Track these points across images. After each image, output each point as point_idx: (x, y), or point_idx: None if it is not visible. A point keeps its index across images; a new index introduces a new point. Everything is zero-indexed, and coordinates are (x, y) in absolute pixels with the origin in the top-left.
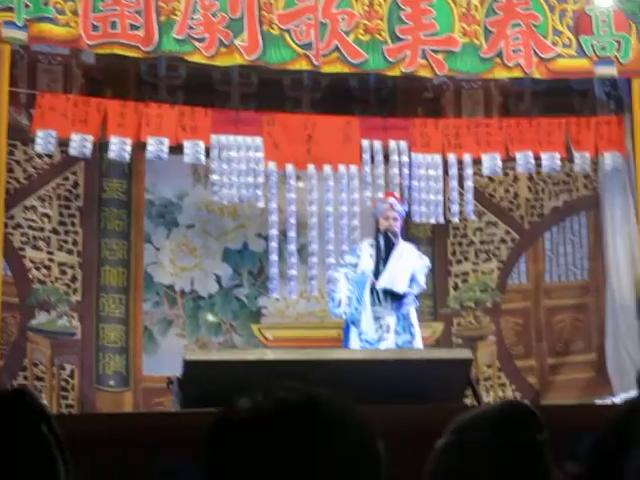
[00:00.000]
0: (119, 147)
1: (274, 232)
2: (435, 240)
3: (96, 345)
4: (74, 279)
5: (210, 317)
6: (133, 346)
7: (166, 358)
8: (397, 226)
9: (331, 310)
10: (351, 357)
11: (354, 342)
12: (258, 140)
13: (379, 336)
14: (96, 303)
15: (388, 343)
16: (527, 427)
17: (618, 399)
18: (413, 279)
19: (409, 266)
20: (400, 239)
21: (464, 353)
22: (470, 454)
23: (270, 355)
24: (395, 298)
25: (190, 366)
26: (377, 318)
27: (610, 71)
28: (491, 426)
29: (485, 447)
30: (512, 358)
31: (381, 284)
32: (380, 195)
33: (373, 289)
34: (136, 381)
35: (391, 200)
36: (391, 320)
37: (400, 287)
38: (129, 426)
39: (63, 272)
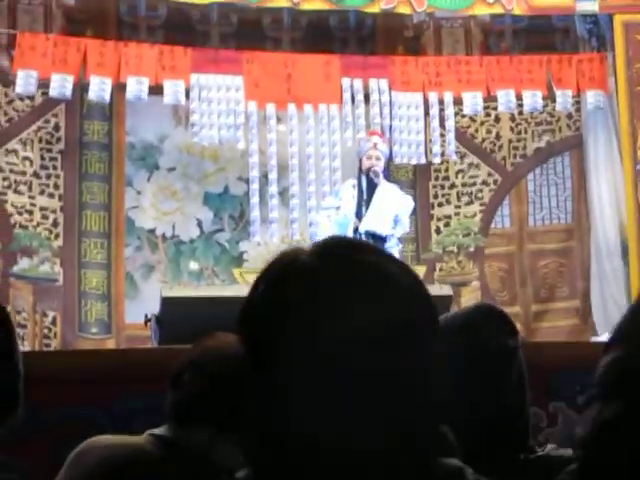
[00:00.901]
0: (99, 87)
1: (255, 174)
2: (417, 182)
3: (78, 291)
4: (56, 224)
5: (192, 263)
6: (115, 292)
7: (148, 305)
8: (379, 166)
9: None
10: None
11: None
12: (238, 79)
13: None
14: (78, 248)
15: None
16: (498, 330)
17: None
18: (396, 221)
19: (392, 207)
20: (382, 179)
21: (444, 290)
22: (440, 358)
23: (247, 291)
24: (378, 241)
25: (167, 302)
26: None
27: (591, 7)
28: (460, 329)
29: (455, 350)
30: (497, 304)
31: (364, 226)
32: (362, 135)
33: (356, 231)
34: (118, 328)
35: (375, 139)
36: None
37: (383, 229)
38: (103, 363)
39: (45, 217)
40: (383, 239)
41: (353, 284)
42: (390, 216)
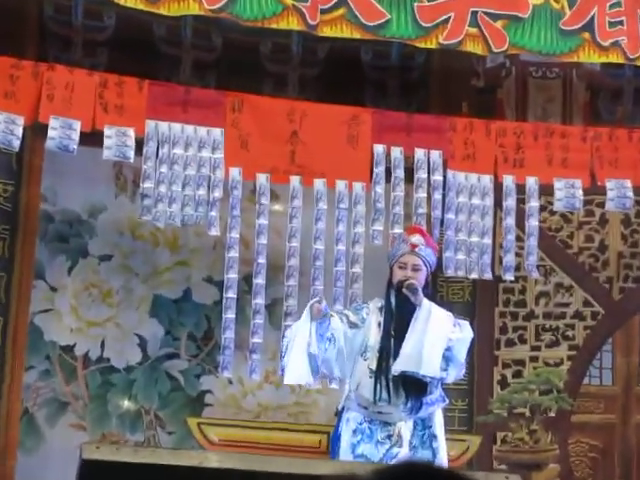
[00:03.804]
0: (5, 128)
1: (232, 276)
2: (476, 307)
3: None
4: None
5: (126, 403)
6: (4, 439)
7: (54, 460)
8: (420, 279)
9: None
10: (344, 471)
11: (345, 454)
12: (217, 133)
13: (385, 451)
14: None
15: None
16: None
17: None
18: (450, 359)
19: (440, 338)
20: (422, 298)
21: None
22: None
23: (214, 461)
24: (413, 390)
25: (90, 470)
26: (385, 424)
27: None
28: None
29: None
30: None
31: (399, 366)
32: (399, 230)
33: (380, 374)
34: None
35: (415, 239)
36: (405, 428)
37: (428, 370)
38: None
39: None
40: (423, 387)
41: None
42: (438, 351)
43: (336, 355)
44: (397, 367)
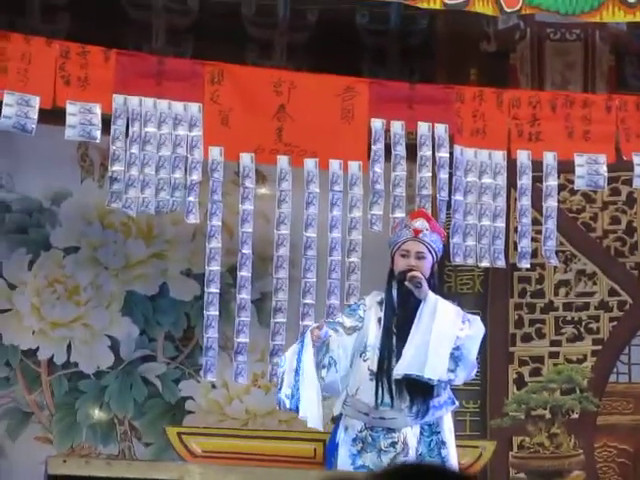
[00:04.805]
0: None
1: (215, 269)
2: (489, 300)
3: None
4: None
5: (97, 412)
6: None
7: (17, 478)
8: (424, 269)
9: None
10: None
11: (344, 465)
12: (194, 108)
13: (390, 460)
14: None
15: None
16: None
17: None
18: (458, 358)
19: (448, 335)
20: (427, 291)
21: None
22: None
23: (197, 474)
24: (419, 394)
25: None
26: (388, 430)
27: None
28: None
29: None
30: None
31: (401, 368)
32: (400, 214)
33: (382, 376)
34: None
35: (418, 224)
36: (411, 434)
37: (434, 372)
38: None
39: None
40: (429, 389)
41: None
42: (444, 351)
43: (341, 375)
44: (399, 370)
